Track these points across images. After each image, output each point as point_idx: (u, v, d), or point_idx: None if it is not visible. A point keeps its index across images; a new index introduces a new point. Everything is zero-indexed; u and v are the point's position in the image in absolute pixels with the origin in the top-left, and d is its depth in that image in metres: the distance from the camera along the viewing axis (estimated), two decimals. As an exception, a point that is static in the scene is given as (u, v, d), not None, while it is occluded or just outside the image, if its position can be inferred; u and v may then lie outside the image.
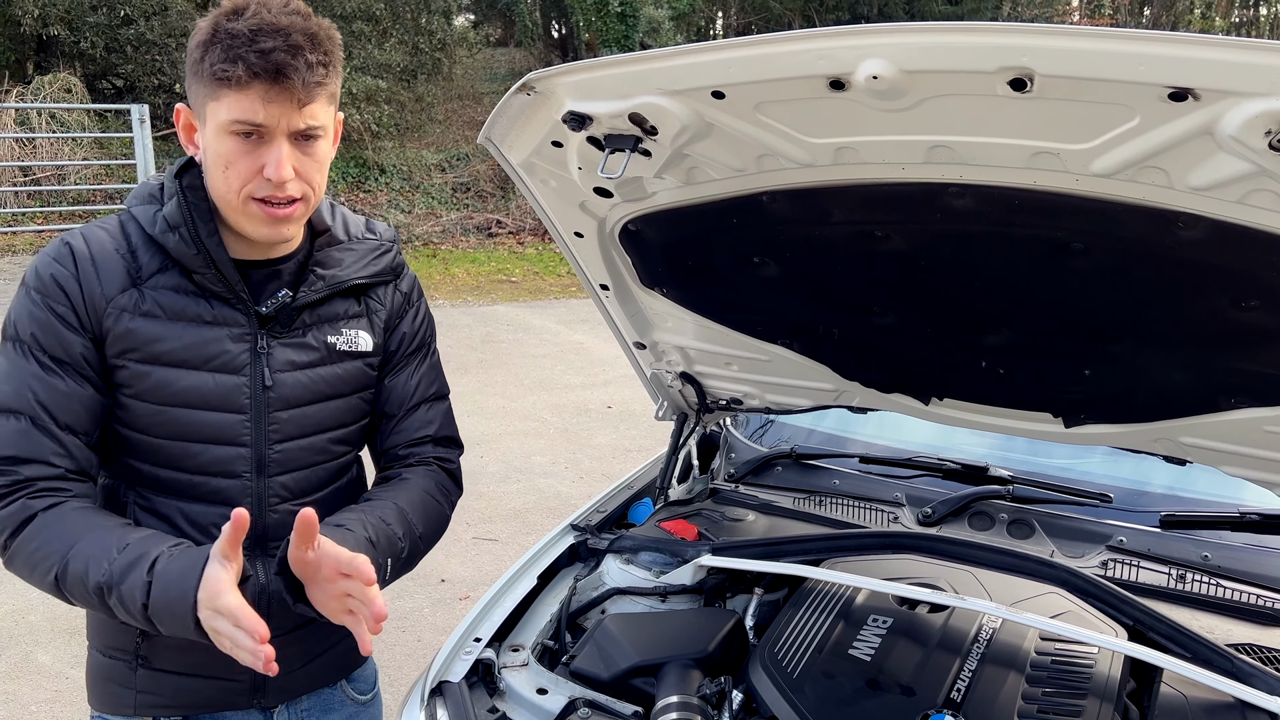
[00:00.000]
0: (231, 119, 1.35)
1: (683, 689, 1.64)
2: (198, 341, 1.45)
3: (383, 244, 1.66)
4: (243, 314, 1.49)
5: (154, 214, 1.45)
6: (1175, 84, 1.19)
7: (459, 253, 13.39)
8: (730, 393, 2.43)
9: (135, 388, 1.44)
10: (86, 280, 1.41)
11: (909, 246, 1.71)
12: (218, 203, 1.44)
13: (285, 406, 1.53)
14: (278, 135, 1.37)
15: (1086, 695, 1.63)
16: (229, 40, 1.33)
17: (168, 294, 1.45)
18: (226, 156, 1.38)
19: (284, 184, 1.39)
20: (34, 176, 12.42)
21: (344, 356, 1.59)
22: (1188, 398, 1.82)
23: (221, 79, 1.33)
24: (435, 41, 15.25)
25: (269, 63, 1.32)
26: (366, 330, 1.62)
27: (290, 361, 1.52)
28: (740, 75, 1.42)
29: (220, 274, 1.46)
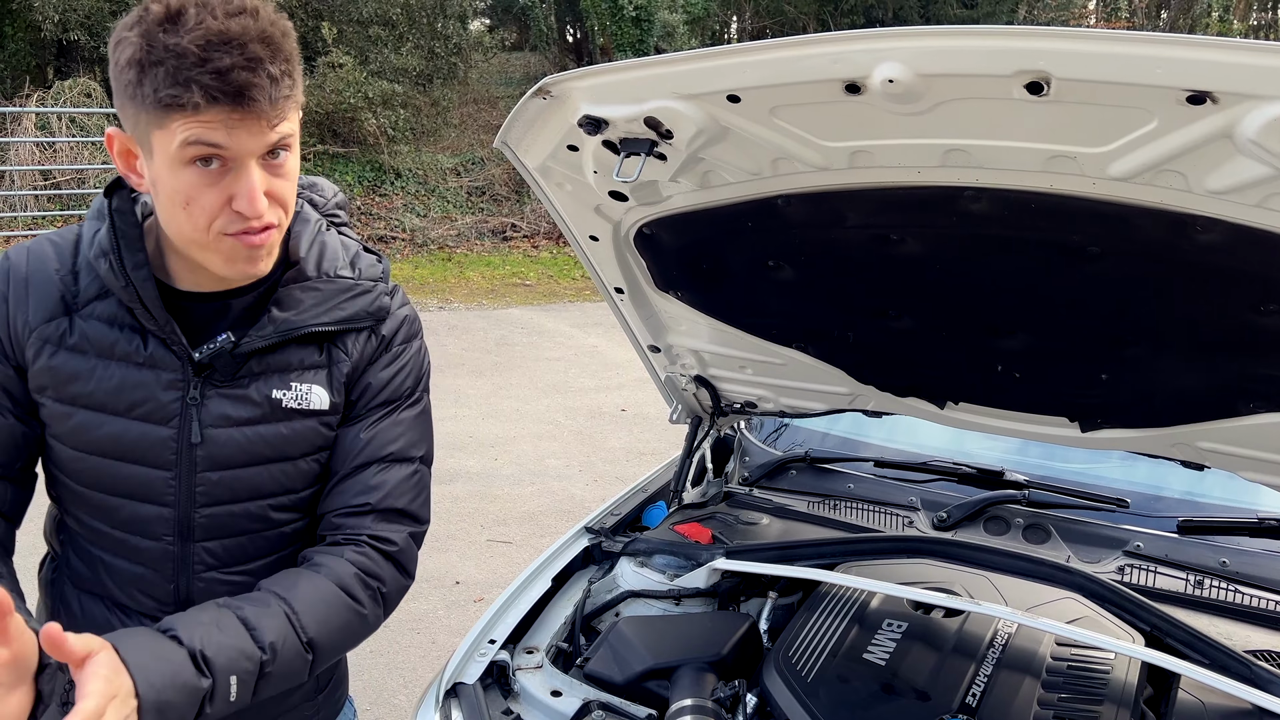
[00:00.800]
0: (186, 142, 1.13)
1: (697, 692, 1.64)
2: (124, 384, 1.28)
3: (358, 285, 1.39)
4: (178, 356, 1.29)
5: (91, 233, 1.28)
6: (1194, 87, 1.19)
7: (474, 256, 13.43)
8: (744, 396, 2.43)
9: (55, 428, 1.30)
10: (15, 303, 1.26)
11: (924, 250, 1.71)
12: (179, 241, 1.24)
13: (214, 467, 1.32)
14: (245, 160, 1.16)
15: (1103, 701, 1.62)
16: (174, 61, 1.10)
17: (99, 326, 1.27)
18: (186, 191, 1.16)
19: (259, 216, 1.19)
20: (54, 180, 12.54)
21: (291, 414, 1.35)
22: (1205, 402, 1.81)
23: (170, 106, 1.11)
24: (451, 46, 15.31)
25: (228, 84, 1.10)
26: (323, 385, 1.37)
27: (225, 416, 1.31)
28: (756, 79, 1.43)
29: (148, 312, 1.26)
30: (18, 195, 12.19)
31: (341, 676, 1.65)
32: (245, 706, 1.20)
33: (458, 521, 5.29)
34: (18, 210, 12.25)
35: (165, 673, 1.10)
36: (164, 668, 1.11)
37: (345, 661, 1.65)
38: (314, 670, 1.30)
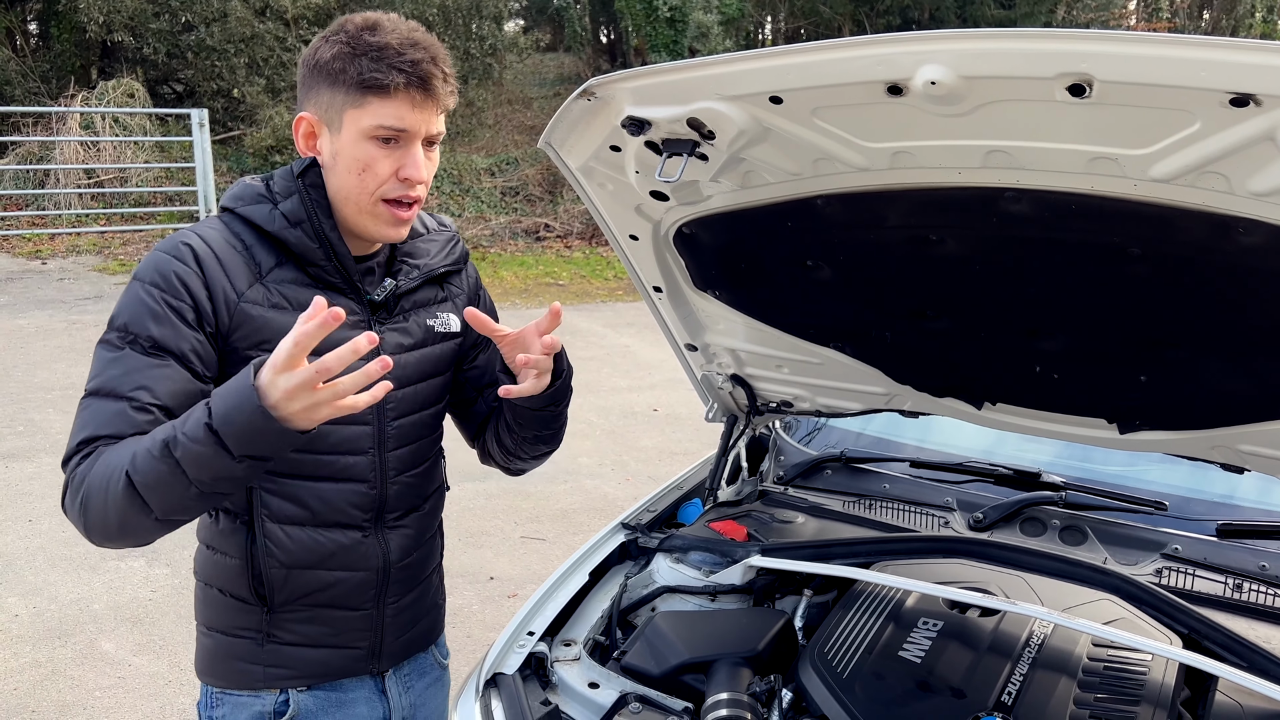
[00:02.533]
0: (378, 124, 1.45)
1: (733, 686, 1.66)
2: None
3: (454, 235, 1.78)
4: (356, 302, 1.58)
5: (269, 212, 1.53)
6: (1237, 89, 1.19)
7: (507, 256, 13.51)
8: (781, 395, 2.44)
9: None
10: (213, 277, 1.48)
11: (964, 251, 1.71)
12: (343, 203, 1.53)
13: (399, 386, 1.61)
14: (415, 140, 1.48)
15: (1140, 702, 1.62)
16: (378, 52, 1.43)
17: (290, 287, 1.53)
18: (365, 160, 1.48)
19: (419, 184, 1.51)
20: (97, 179, 12.77)
21: (441, 338, 1.71)
22: (1246, 405, 1.80)
23: (372, 87, 1.43)
24: (486, 47, 15.41)
25: (419, 72, 1.44)
26: (455, 313, 1.73)
27: (399, 344, 1.63)
28: (798, 81, 1.45)
29: (341, 266, 1.55)
30: (62, 194, 12.43)
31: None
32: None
33: (491, 518, 5.34)
34: (62, 208, 12.49)
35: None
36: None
37: (442, 591, 1.89)
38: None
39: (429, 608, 1.81)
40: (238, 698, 1.65)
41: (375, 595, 1.67)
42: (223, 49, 13.62)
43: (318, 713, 1.67)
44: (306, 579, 1.60)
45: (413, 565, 1.72)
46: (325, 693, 1.67)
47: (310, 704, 1.66)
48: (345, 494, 1.60)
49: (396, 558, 1.68)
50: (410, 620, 1.75)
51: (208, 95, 13.96)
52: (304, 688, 1.65)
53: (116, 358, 1.44)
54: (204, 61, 13.84)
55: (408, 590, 1.73)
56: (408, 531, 1.70)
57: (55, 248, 11.93)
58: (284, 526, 1.58)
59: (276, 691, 1.64)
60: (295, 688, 1.65)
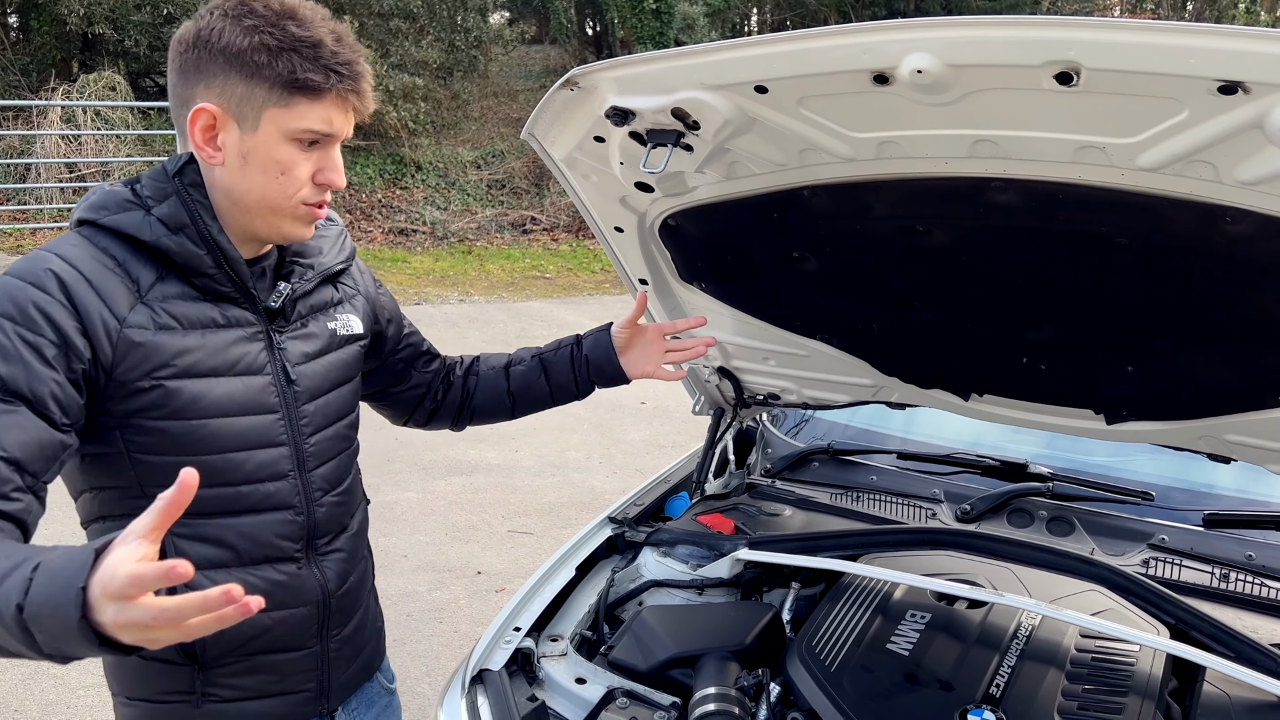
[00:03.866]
0: (306, 128, 1.33)
1: (721, 680, 1.65)
2: (219, 346, 1.40)
3: (341, 229, 1.67)
4: (251, 312, 1.44)
5: (142, 219, 1.35)
6: (1225, 77, 1.18)
7: (494, 249, 13.47)
8: (768, 388, 2.43)
9: (169, 406, 1.35)
10: (85, 305, 1.28)
11: (951, 241, 1.71)
12: (249, 205, 1.38)
13: (310, 398, 1.51)
14: (337, 143, 1.39)
15: (1128, 693, 1.62)
16: (310, 49, 1.30)
17: (177, 303, 1.37)
18: (284, 163, 1.35)
19: (341, 188, 1.42)
20: (79, 173, 12.65)
21: (345, 341, 1.60)
22: (1233, 395, 1.80)
23: (304, 88, 1.31)
24: (471, 39, 15.33)
25: (354, 73, 1.34)
26: (354, 314, 1.63)
27: (304, 353, 1.51)
28: (784, 70, 1.43)
29: (233, 272, 1.40)
30: (44, 188, 12.32)
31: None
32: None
33: (479, 512, 5.32)
34: (44, 203, 12.38)
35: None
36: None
37: (379, 613, 1.80)
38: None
39: (370, 633, 1.71)
40: None
41: (318, 630, 1.55)
42: (205, 41, 13.49)
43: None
44: (241, 627, 1.37)
45: (351, 591, 1.61)
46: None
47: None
48: (271, 525, 1.46)
49: (335, 585, 1.56)
50: (354, 650, 1.65)
51: (190, 88, 13.83)
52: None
53: None
54: (186, 54, 13.70)
55: (349, 618, 1.62)
56: (341, 555, 1.58)
57: (37, 242, 11.83)
58: (206, 573, 1.40)
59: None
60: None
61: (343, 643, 1.61)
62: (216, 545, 1.43)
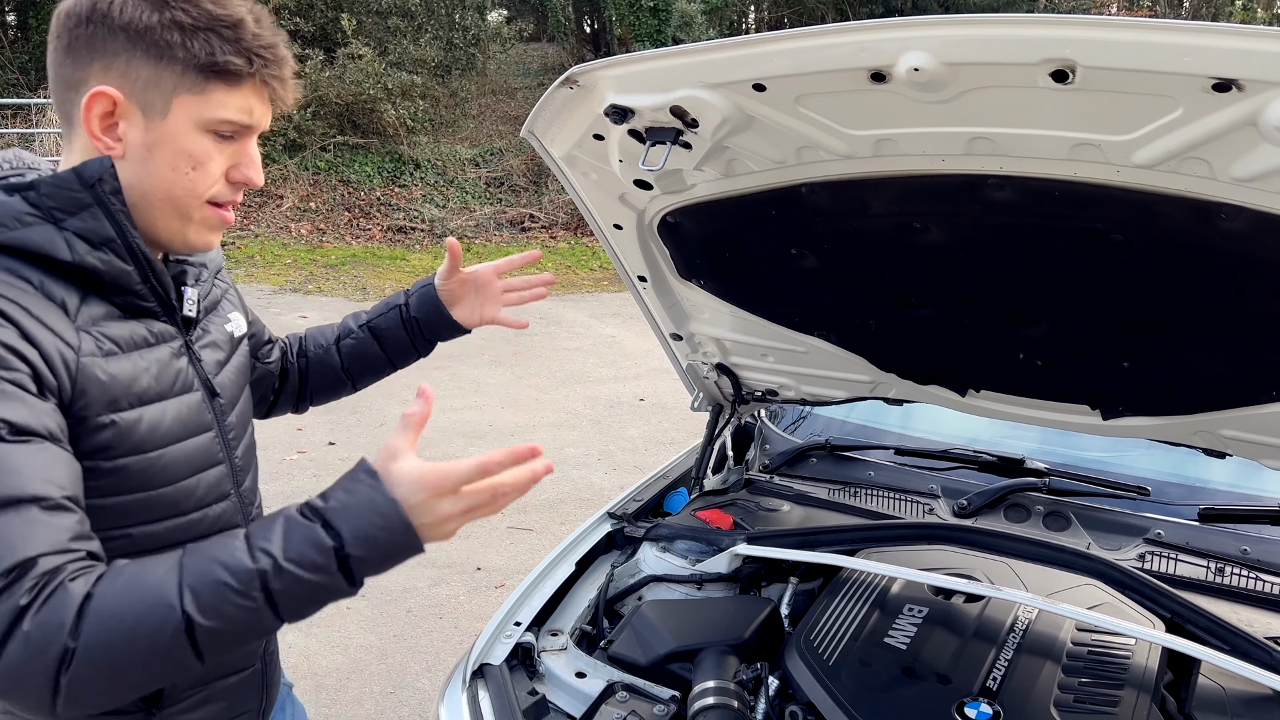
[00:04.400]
0: (222, 118, 1.18)
1: (719, 674, 1.67)
2: (158, 368, 1.26)
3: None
4: (170, 324, 1.30)
5: (54, 235, 1.15)
6: (1219, 75, 1.19)
7: (492, 247, 13.47)
8: (766, 384, 2.45)
9: (129, 440, 1.20)
10: (37, 334, 1.11)
11: (948, 238, 1.72)
12: (154, 204, 1.21)
13: (231, 407, 1.40)
14: (253, 136, 1.25)
15: (1123, 686, 1.63)
16: (230, 29, 1.15)
17: (107, 324, 1.20)
18: (197, 156, 1.19)
19: (259, 184, 1.27)
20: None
21: (238, 342, 1.48)
22: (1228, 390, 1.82)
23: (222, 73, 1.15)
24: (469, 37, 15.32)
25: (275, 58, 1.19)
26: (236, 310, 1.50)
27: (217, 361, 1.39)
28: (781, 68, 1.44)
29: (158, 286, 1.25)
30: (42, 186, 12.32)
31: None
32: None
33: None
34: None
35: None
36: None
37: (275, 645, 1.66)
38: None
39: (275, 644, 1.62)
40: None
41: (261, 645, 1.48)
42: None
43: None
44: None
45: None
46: None
47: None
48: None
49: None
50: (275, 661, 1.58)
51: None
52: None
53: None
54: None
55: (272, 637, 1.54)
56: None
57: (35, 241, 11.83)
58: None
59: None
60: None
61: (270, 655, 1.54)
62: None
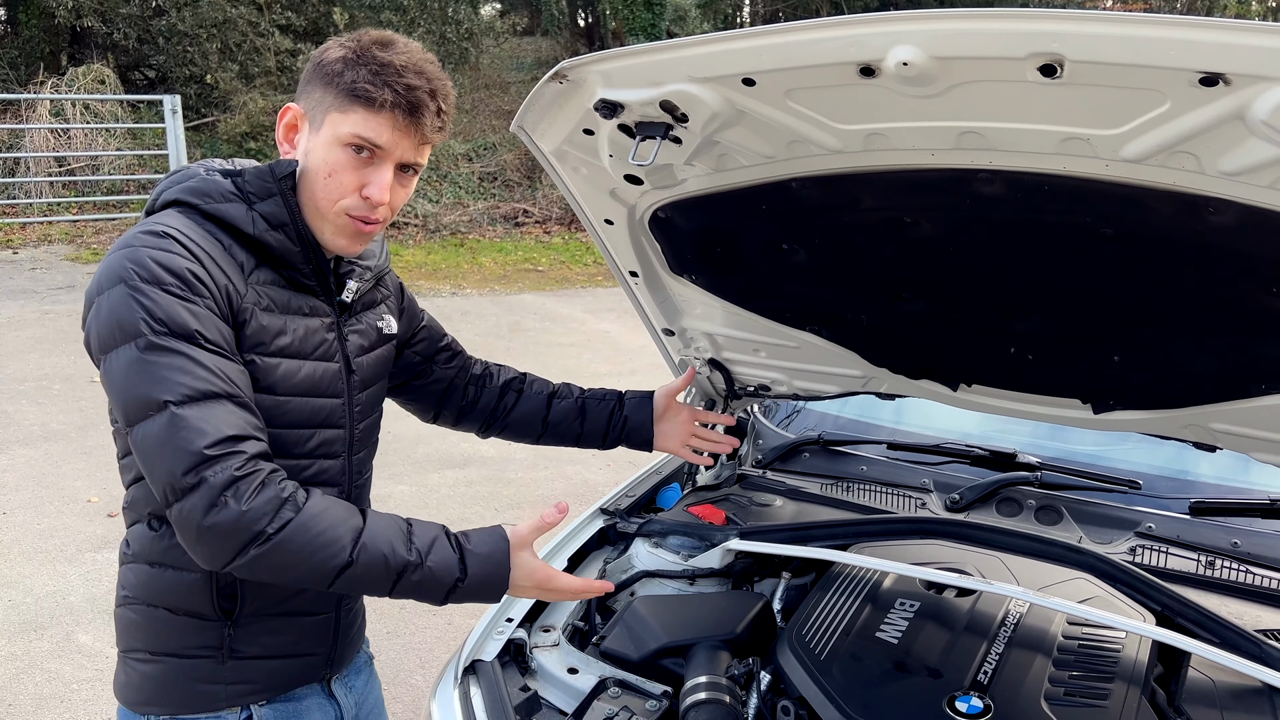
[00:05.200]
0: (354, 133, 1.43)
1: (712, 669, 1.67)
2: (306, 333, 1.53)
3: (383, 236, 1.78)
4: (327, 303, 1.58)
5: (246, 213, 1.47)
6: (1207, 69, 1.19)
7: (486, 242, 13.44)
8: (758, 379, 2.44)
9: (264, 380, 1.47)
10: (217, 276, 1.41)
11: (938, 232, 1.72)
12: (307, 204, 1.50)
13: (363, 388, 1.65)
14: (388, 161, 1.47)
15: (1114, 678, 1.63)
16: (379, 66, 1.42)
17: (273, 289, 1.50)
18: (332, 165, 1.46)
19: (379, 206, 1.49)
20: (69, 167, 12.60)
21: (387, 339, 1.73)
22: (1218, 383, 1.82)
23: (360, 96, 1.42)
24: (462, 31, 15.29)
25: (412, 97, 1.44)
26: (391, 314, 1.76)
27: (360, 346, 1.64)
28: (771, 62, 1.44)
29: (319, 269, 1.54)
30: (33, 182, 12.27)
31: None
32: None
33: (473, 505, 5.33)
34: (33, 197, 12.33)
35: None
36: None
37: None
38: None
39: (363, 606, 1.83)
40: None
41: (337, 598, 1.67)
42: (195, 34, 13.45)
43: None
44: (280, 586, 1.54)
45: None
46: (282, 704, 1.63)
47: (270, 716, 1.62)
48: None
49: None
50: (353, 620, 1.76)
51: (180, 81, 13.79)
52: (265, 700, 1.61)
53: (184, 361, 1.33)
54: (175, 47, 13.66)
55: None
56: None
57: (26, 237, 11.78)
58: None
59: (238, 709, 1.58)
60: (257, 702, 1.60)
61: (350, 613, 1.73)
62: None
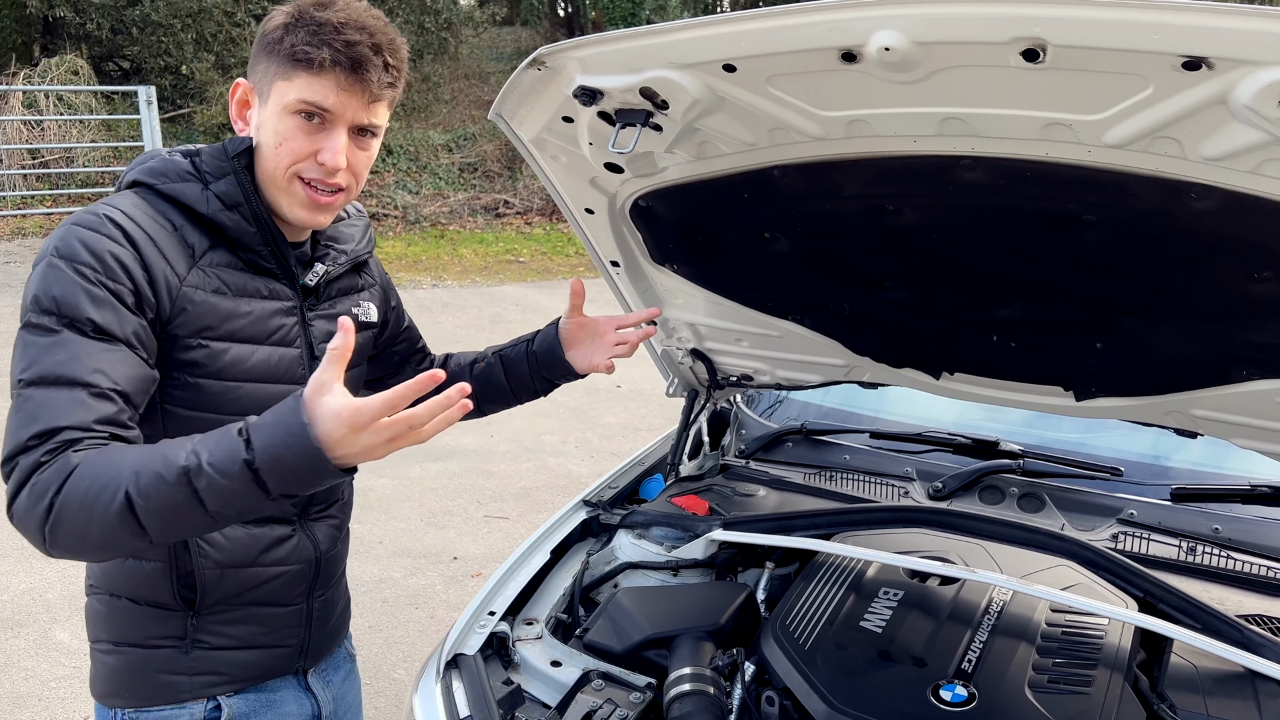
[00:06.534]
0: (300, 99, 1.39)
1: (696, 661, 1.66)
2: (261, 316, 1.50)
3: (368, 223, 1.76)
4: (289, 287, 1.54)
5: (201, 192, 1.44)
6: (1189, 53, 1.18)
7: (466, 233, 13.38)
8: (741, 369, 2.44)
9: (211, 365, 1.44)
10: (151, 259, 1.37)
11: (921, 220, 1.71)
12: (263, 179, 1.47)
13: None
14: (339, 124, 1.43)
15: (1097, 665, 1.64)
16: (316, 26, 1.38)
17: (227, 271, 1.46)
18: (283, 134, 1.42)
19: (335, 171, 1.44)
20: (42, 159, 12.44)
21: (362, 327, 1.68)
22: (1199, 370, 1.82)
23: (301, 60, 1.38)
24: (441, 21, 15.18)
25: (352, 53, 1.38)
26: (372, 302, 1.73)
27: (328, 332, 1.59)
28: (751, 48, 1.42)
29: (277, 250, 1.50)
30: (6, 175, 12.11)
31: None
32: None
33: (455, 498, 5.31)
34: (6, 190, 12.17)
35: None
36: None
37: (347, 585, 1.86)
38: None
39: (343, 602, 1.81)
40: (159, 713, 1.54)
41: (307, 589, 1.65)
42: (169, 24, 13.28)
43: (250, 715, 1.61)
44: (243, 577, 1.54)
45: (336, 557, 1.72)
46: (255, 694, 1.61)
47: (242, 707, 1.59)
48: None
49: (326, 548, 1.66)
50: (330, 614, 1.74)
51: (155, 72, 13.62)
52: (233, 691, 1.58)
53: (55, 342, 1.28)
54: (150, 37, 13.49)
55: (331, 581, 1.72)
56: (333, 522, 1.69)
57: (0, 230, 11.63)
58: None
59: (205, 700, 1.56)
60: (225, 693, 1.57)
61: (324, 604, 1.70)
62: None
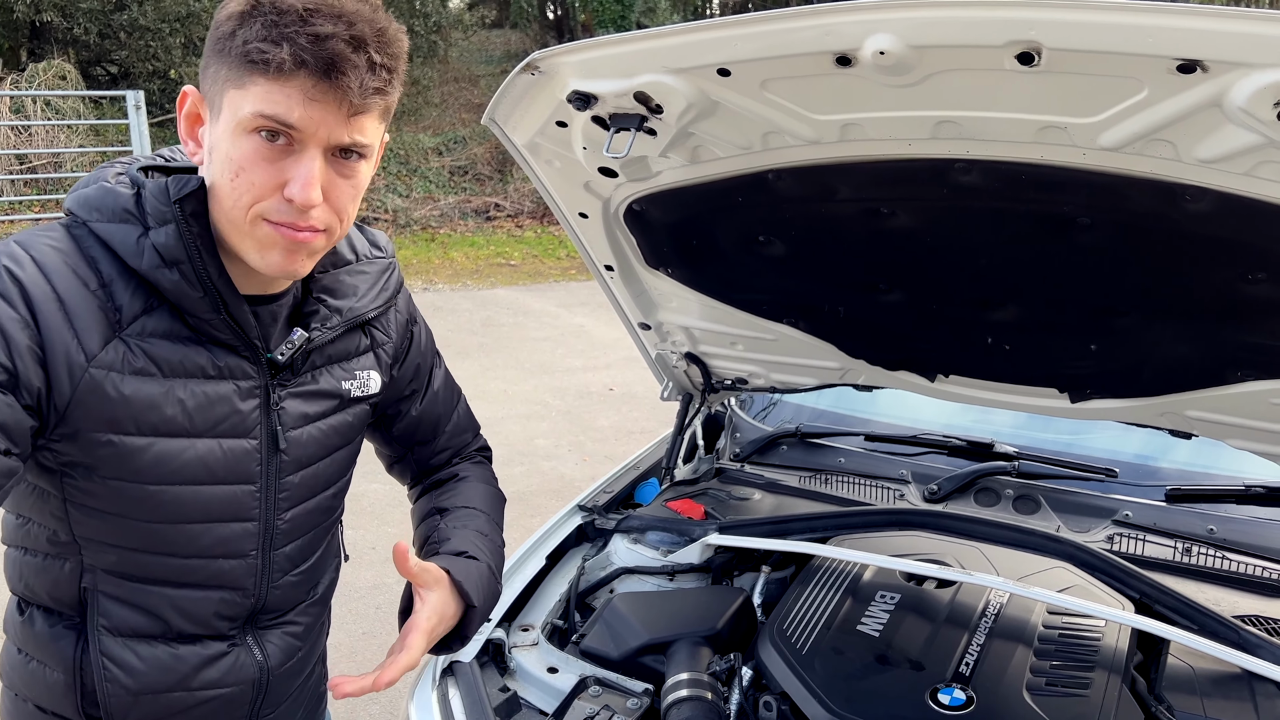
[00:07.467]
0: (257, 112, 1.03)
1: (693, 666, 1.65)
2: (203, 402, 1.17)
3: (389, 263, 1.39)
4: (250, 362, 1.20)
5: (136, 240, 1.10)
6: (1184, 56, 1.19)
7: (457, 236, 13.36)
8: (735, 372, 2.43)
9: (128, 466, 1.13)
10: (52, 330, 1.05)
11: (915, 223, 1.71)
12: (220, 220, 1.12)
13: (297, 468, 1.28)
14: (311, 146, 1.07)
15: (1094, 667, 1.64)
16: (275, 15, 1.02)
17: (161, 343, 1.12)
18: (240, 160, 1.06)
19: (308, 209, 1.08)
20: (30, 164, 12.37)
21: (355, 402, 1.35)
22: (1194, 371, 1.83)
23: (255, 61, 1.02)
24: (430, 24, 15.17)
25: (323, 51, 1.02)
26: (376, 369, 1.37)
27: (303, 415, 1.27)
28: (746, 52, 1.42)
29: (232, 319, 1.16)
30: (-7, 180, 12.05)
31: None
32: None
33: (447, 502, 5.29)
34: (-6, 195, 12.11)
35: (484, 586, 1.35)
36: (483, 583, 1.34)
37: (324, 674, 1.59)
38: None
39: (311, 704, 1.51)
40: None
41: (249, 711, 1.36)
42: (157, 28, 13.24)
43: None
44: (161, 703, 1.26)
45: (294, 668, 1.41)
46: None
47: None
48: (210, 603, 1.26)
49: (277, 663, 1.36)
50: (282, 693, 1.42)
51: (143, 77, 13.57)
52: None
53: None
54: (138, 42, 13.44)
55: (284, 697, 1.41)
56: (293, 629, 1.38)
57: (-12, 236, 11.56)
58: (129, 642, 1.23)
59: None
60: None
61: (277, 715, 1.42)
62: (145, 614, 1.24)
